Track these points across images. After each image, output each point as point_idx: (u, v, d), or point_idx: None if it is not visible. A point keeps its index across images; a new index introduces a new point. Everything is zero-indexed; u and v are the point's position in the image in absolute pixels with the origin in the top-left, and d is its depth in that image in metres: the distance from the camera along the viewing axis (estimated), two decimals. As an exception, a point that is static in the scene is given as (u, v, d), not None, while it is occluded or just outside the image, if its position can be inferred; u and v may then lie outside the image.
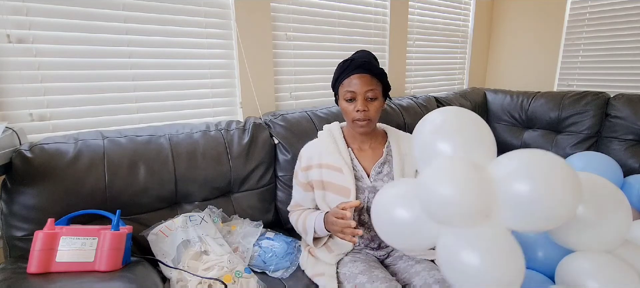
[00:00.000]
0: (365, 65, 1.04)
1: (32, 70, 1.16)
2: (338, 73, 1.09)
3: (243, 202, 1.36)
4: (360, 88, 1.03)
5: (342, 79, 1.07)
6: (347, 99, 1.05)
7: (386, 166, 1.12)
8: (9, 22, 1.11)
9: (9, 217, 0.98)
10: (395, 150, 1.14)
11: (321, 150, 1.13)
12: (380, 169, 1.12)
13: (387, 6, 2.08)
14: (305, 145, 1.19)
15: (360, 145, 1.14)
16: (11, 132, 1.01)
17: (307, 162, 1.13)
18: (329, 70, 1.88)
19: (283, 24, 1.69)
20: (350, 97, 1.05)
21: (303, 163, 1.14)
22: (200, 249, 1.04)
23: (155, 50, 1.37)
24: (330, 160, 1.10)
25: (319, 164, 1.11)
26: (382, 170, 1.12)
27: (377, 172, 1.11)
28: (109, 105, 1.32)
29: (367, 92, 1.04)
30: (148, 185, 1.15)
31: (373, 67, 1.06)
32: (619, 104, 1.92)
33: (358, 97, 1.04)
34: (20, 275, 0.83)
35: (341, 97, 1.08)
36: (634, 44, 2.14)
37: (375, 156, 1.14)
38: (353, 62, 1.05)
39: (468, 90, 2.48)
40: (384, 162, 1.12)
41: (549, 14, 2.47)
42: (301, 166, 1.15)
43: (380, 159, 1.12)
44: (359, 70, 1.04)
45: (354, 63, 1.04)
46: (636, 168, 1.77)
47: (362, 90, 1.03)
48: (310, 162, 1.13)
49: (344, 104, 1.07)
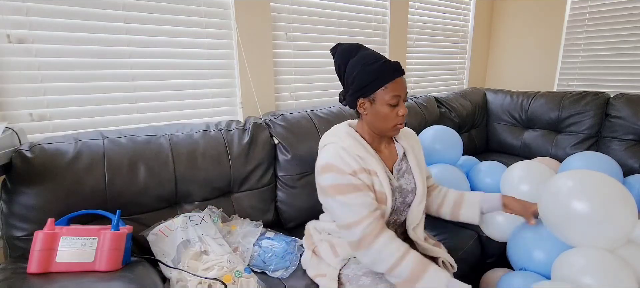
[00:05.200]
0: (401, 67, 0.99)
1: (32, 70, 1.16)
2: (375, 75, 0.96)
3: (243, 202, 1.36)
4: (404, 92, 0.99)
5: (385, 81, 0.96)
6: (393, 103, 0.96)
7: (403, 162, 1.11)
8: (9, 22, 1.11)
9: (9, 217, 0.98)
10: (406, 144, 1.12)
11: (357, 154, 0.99)
12: (400, 166, 1.09)
13: (387, 6, 2.08)
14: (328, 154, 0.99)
15: (378, 146, 1.08)
16: (11, 132, 1.01)
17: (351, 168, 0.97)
18: (329, 70, 1.89)
19: (283, 24, 1.69)
20: (396, 102, 0.97)
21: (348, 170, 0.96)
22: (200, 249, 1.04)
23: (155, 50, 1.37)
24: (370, 165, 1.00)
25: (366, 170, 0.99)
26: (401, 167, 1.09)
27: (397, 170, 1.08)
28: (109, 105, 1.32)
29: (406, 95, 1.01)
30: (148, 185, 1.15)
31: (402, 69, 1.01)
32: (619, 104, 1.92)
33: (401, 102, 0.99)
34: (20, 275, 0.83)
35: (381, 101, 0.97)
36: (634, 44, 2.14)
37: (392, 155, 1.10)
38: (390, 63, 0.98)
39: (468, 90, 2.48)
40: (401, 159, 1.10)
41: (549, 14, 2.47)
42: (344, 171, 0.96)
43: (398, 158, 1.10)
44: (397, 73, 0.97)
45: (392, 65, 0.97)
46: (636, 169, 1.77)
47: (404, 94, 0.99)
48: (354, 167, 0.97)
49: (385, 109, 0.97)
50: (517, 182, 1.39)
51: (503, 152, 2.38)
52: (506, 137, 2.35)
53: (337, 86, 1.94)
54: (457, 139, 1.73)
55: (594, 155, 1.51)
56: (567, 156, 1.59)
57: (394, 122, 0.99)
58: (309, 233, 1.19)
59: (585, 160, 1.50)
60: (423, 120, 1.96)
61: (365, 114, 1.01)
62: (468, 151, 2.16)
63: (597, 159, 1.48)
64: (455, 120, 2.18)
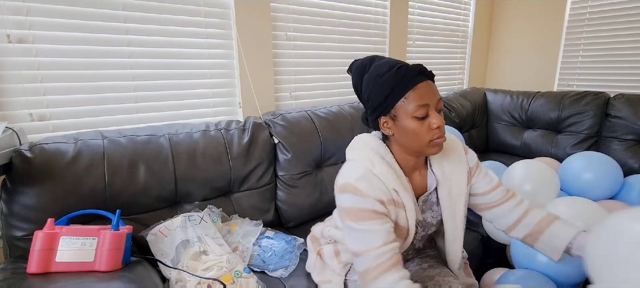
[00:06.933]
0: (425, 70, 0.81)
1: (32, 70, 1.16)
2: (393, 84, 0.79)
3: (243, 202, 1.36)
4: (434, 98, 0.79)
5: (402, 91, 0.78)
6: (419, 116, 0.78)
7: (433, 195, 0.93)
8: (9, 22, 1.11)
9: (9, 217, 0.98)
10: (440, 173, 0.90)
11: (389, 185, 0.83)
12: (426, 198, 0.91)
13: (387, 6, 2.08)
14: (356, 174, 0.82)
15: (411, 171, 0.89)
16: (11, 132, 1.01)
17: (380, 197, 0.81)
18: (329, 70, 1.89)
19: (283, 24, 1.69)
20: (424, 113, 0.78)
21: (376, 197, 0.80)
22: (200, 249, 1.04)
23: (155, 50, 1.37)
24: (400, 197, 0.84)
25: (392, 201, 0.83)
26: (428, 198, 0.92)
27: (423, 201, 0.91)
28: (109, 105, 1.32)
29: (439, 102, 0.81)
30: (148, 185, 1.15)
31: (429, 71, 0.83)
32: (619, 104, 1.92)
33: (431, 111, 0.79)
34: (20, 275, 0.83)
35: (405, 115, 0.79)
36: (634, 44, 2.14)
37: (423, 182, 0.92)
38: (408, 67, 0.80)
39: (468, 90, 2.48)
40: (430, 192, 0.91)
41: (549, 14, 2.47)
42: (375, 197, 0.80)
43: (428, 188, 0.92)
44: (422, 77, 0.79)
45: (413, 69, 0.79)
46: (636, 169, 1.77)
47: (435, 101, 0.80)
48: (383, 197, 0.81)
49: (412, 124, 0.79)
50: (518, 181, 1.39)
51: (503, 152, 2.38)
52: (506, 137, 2.35)
53: (337, 86, 1.94)
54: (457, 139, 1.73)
55: (594, 155, 1.51)
56: (567, 156, 1.59)
57: (428, 138, 0.80)
58: (314, 237, 1.14)
59: (585, 160, 1.50)
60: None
61: (392, 135, 0.84)
62: (468, 151, 2.16)
63: (597, 159, 1.48)
64: (455, 120, 2.18)
